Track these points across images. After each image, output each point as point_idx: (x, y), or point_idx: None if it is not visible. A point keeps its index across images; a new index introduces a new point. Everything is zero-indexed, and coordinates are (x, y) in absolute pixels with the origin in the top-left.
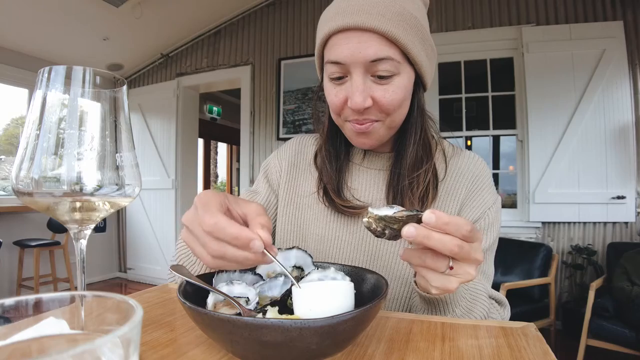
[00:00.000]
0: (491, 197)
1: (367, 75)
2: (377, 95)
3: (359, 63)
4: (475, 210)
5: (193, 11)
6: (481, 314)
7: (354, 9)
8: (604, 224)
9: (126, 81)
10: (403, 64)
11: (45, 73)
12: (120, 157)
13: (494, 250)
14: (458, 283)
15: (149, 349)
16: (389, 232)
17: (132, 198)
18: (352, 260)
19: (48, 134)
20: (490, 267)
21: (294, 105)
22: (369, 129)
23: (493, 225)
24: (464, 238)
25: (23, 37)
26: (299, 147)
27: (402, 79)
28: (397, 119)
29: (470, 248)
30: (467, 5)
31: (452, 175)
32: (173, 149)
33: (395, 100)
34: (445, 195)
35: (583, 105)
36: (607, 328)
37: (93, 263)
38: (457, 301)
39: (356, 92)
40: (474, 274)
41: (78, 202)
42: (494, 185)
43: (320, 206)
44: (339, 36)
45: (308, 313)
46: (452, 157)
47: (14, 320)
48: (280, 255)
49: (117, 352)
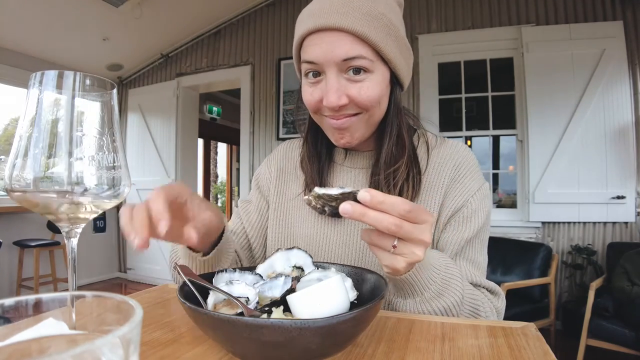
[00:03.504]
0: (475, 184)
1: (341, 74)
2: (352, 93)
3: (332, 62)
4: (458, 198)
5: (193, 11)
6: (454, 299)
7: (326, 10)
8: (604, 224)
9: (116, 85)
10: (376, 62)
11: (38, 77)
12: (110, 157)
13: (483, 238)
14: (405, 263)
15: (149, 349)
16: (329, 209)
17: (122, 197)
18: (341, 258)
19: (40, 135)
20: (479, 254)
21: (294, 105)
22: (346, 124)
23: (477, 212)
24: (404, 217)
25: (23, 37)
26: (287, 151)
27: (375, 76)
28: (375, 115)
29: (414, 228)
30: (467, 5)
31: (435, 165)
32: (173, 149)
33: (371, 96)
34: (429, 187)
35: (583, 105)
36: (607, 328)
37: (93, 263)
38: (425, 284)
39: (330, 90)
40: (420, 254)
41: (69, 201)
42: (479, 172)
43: (307, 207)
44: (312, 37)
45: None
46: (435, 147)
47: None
48: (281, 254)
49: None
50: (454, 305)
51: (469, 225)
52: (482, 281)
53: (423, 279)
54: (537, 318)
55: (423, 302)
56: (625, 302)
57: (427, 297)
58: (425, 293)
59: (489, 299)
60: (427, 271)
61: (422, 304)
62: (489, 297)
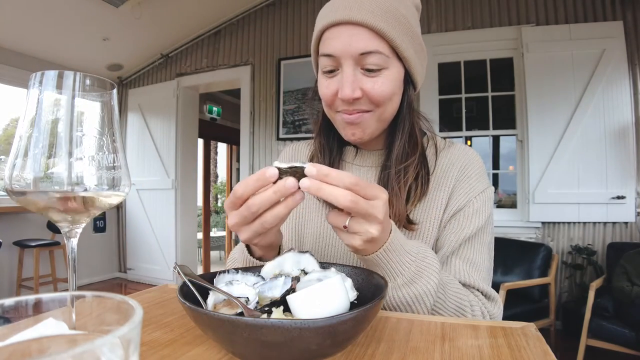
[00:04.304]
0: (480, 185)
1: (357, 68)
2: (366, 87)
3: (349, 55)
4: (462, 197)
5: (193, 11)
6: (426, 288)
7: (347, 5)
8: (604, 224)
9: (116, 85)
10: (392, 58)
11: (37, 77)
12: (110, 157)
13: (484, 240)
14: (361, 240)
15: (149, 349)
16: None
17: (122, 197)
18: (347, 259)
19: (40, 135)
20: (478, 255)
21: (294, 106)
22: (359, 119)
23: (478, 212)
24: (352, 190)
25: (23, 38)
26: (296, 150)
27: (390, 72)
28: (387, 112)
29: (367, 204)
30: (467, 6)
31: (442, 167)
32: (173, 149)
33: (385, 92)
34: (436, 187)
35: (583, 105)
36: (607, 328)
37: (93, 263)
38: (399, 270)
39: (346, 83)
40: (373, 232)
41: (69, 201)
42: (485, 175)
43: (316, 204)
44: (332, 30)
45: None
46: (443, 150)
47: (13, 321)
48: (293, 256)
49: (117, 353)
50: (426, 294)
51: (469, 224)
52: (478, 283)
53: (395, 263)
54: (537, 318)
55: (395, 288)
56: (625, 302)
57: (399, 284)
58: (397, 279)
59: (482, 303)
60: (399, 256)
61: (393, 290)
62: (482, 300)
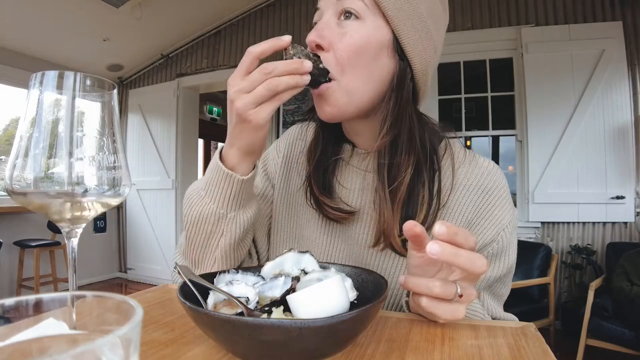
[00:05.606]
0: (507, 215)
1: (334, 18)
2: (333, 34)
3: (330, 3)
4: (488, 232)
5: (193, 12)
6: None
7: None
8: (603, 224)
9: (116, 85)
10: (371, 10)
11: (38, 77)
12: (110, 158)
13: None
14: (465, 308)
15: (149, 349)
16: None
17: (123, 198)
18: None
19: (40, 135)
20: (505, 289)
21: (294, 106)
22: (325, 91)
23: (508, 249)
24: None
25: (23, 38)
26: (297, 136)
27: (364, 24)
28: (354, 83)
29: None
30: (466, 6)
31: (460, 187)
32: (173, 149)
33: (350, 46)
34: (447, 211)
35: (582, 105)
36: (607, 328)
37: (93, 263)
38: None
39: (316, 29)
40: (475, 293)
41: (70, 201)
42: (510, 199)
43: (312, 211)
44: None
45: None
46: (462, 165)
47: (14, 321)
48: (293, 256)
49: (117, 352)
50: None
51: (500, 264)
52: (501, 314)
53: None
54: (537, 318)
55: None
56: (625, 302)
57: None
58: None
59: None
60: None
61: None
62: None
